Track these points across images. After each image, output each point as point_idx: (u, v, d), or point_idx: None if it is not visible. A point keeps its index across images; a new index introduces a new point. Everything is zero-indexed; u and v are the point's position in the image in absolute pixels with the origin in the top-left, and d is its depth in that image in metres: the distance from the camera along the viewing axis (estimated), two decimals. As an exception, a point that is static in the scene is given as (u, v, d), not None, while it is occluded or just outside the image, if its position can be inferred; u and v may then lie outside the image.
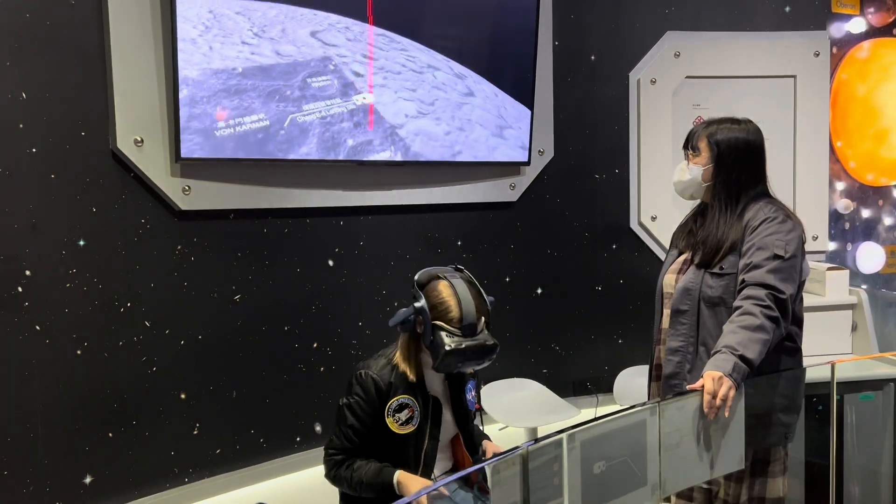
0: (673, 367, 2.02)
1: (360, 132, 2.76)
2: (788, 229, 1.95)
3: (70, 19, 2.28)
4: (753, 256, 1.91)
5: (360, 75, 2.74)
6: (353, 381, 1.97)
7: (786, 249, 1.90)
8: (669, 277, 2.11)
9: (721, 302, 1.97)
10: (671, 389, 2.01)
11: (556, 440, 1.47)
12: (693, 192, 2.10)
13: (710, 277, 1.98)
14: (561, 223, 3.40)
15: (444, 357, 1.85)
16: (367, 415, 1.93)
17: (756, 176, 2.05)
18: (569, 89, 3.36)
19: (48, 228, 2.27)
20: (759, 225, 1.95)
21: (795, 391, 2.06)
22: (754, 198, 2.03)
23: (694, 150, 2.07)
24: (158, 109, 2.42)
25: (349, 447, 1.94)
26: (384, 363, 1.98)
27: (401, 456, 1.95)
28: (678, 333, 2.02)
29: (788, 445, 2.04)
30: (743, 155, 2.02)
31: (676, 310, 2.02)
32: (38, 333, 2.25)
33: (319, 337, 2.85)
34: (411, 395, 1.95)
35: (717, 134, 2.03)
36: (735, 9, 3.51)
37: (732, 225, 1.99)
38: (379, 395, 1.93)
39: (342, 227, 2.89)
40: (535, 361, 3.38)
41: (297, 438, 2.81)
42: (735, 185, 2.02)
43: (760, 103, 3.52)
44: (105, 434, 2.39)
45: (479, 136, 3.06)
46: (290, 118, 2.59)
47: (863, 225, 4.06)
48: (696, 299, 1.99)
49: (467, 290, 1.92)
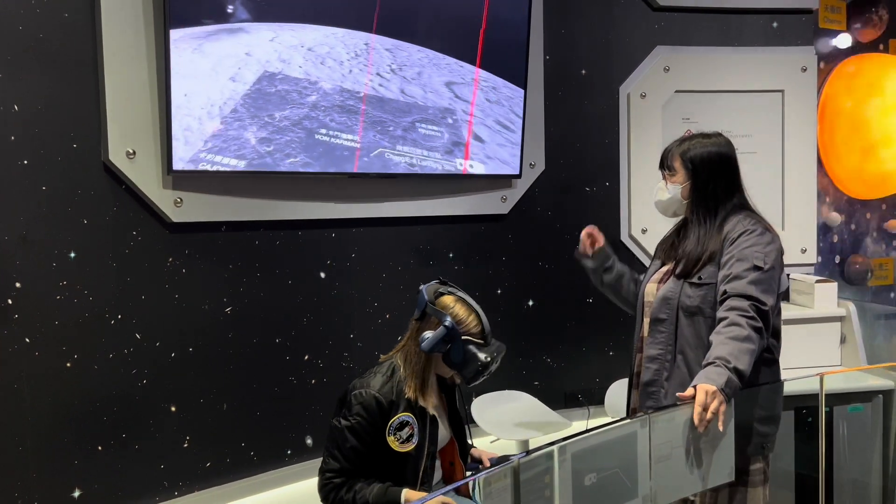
0: (651, 375, 2.05)
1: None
2: (767, 241, 1.99)
3: (63, 32, 2.29)
4: (733, 268, 1.94)
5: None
6: (352, 400, 1.93)
7: (765, 261, 1.93)
8: (651, 287, 2.15)
9: (699, 311, 2.00)
10: (649, 397, 2.03)
11: (547, 452, 1.48)
12: (676, 210, 2.15)
13: (688, 287, 2.02)
14: (552, 236, 3.41)
15: (481, 371, 1.92)
16: (368, 435, 1.91)
17: (732, 187, 2.09)
18: (560, 103, 3.39)
19: (39, 240, 2.26)
20: (739, 237, 1.99)
21: (774, 402, 2.08)
22: (732, 210, 2.07)
23: (670, 170, 2.11)
24: (150, 121, 2.42)
25: (349, 468, 1.91)
26: (383, 381, 1.96)
27: (400, 474, 1.94)
28: (656, 342, 2.05)
29: (769, 456, 2.06)
30: (717, 168, 2.07)
31: (655, 318, 2.06)
32: (28, 346, 2.25)
33: (311, 349, 2.85)
34: (411, 412, 1.94)
35: (689, 151, 2.08)
36: (723, 24, 3.55)
37: (712, 237, 2.03)
38: (381, 413, 1.91)
39: (334, 239, 2.89)
40: (527, 373, 3.39)
41: (287, 451, 2.80)
42: (712, 198, 2.06)
43: (749, 117, 3.56)
44: (94, 447, 2.38)
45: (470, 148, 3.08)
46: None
47: (851, 238, 4.10)
48: (674, 308, 2.02)
49: (471, 300, 2.00)
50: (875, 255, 4.17)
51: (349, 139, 2.76)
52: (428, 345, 1.92)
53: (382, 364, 2.04)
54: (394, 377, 1.97)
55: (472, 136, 3.07)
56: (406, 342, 2.04)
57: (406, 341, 2.05)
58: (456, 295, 1.99)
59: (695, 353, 1.98)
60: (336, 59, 2.68)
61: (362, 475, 1.92)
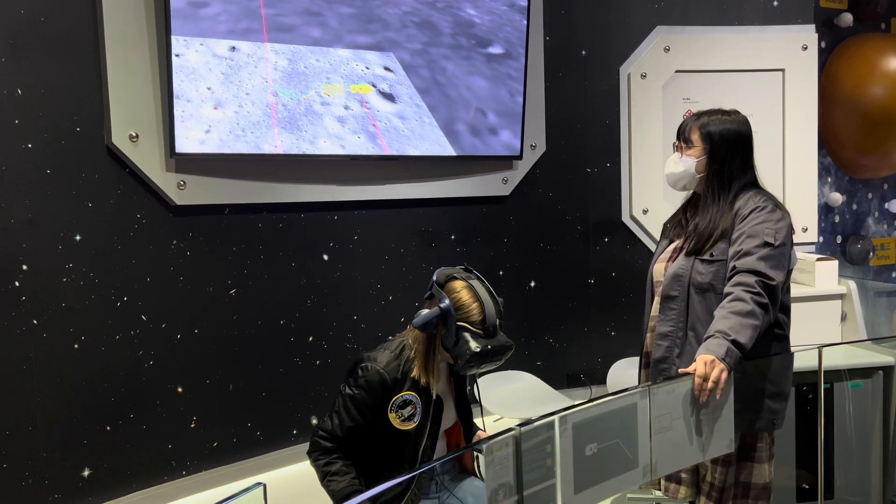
0: (662, 352, 2.05)
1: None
2: (778, 218, 1.99)
3: (65, 16, 2.30)
4: (744, 244, 1.95)
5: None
6: (358, 371, 1.94)
7: (775, 237, 1.94)
8: (659, 266, 2.15)
9: (710, 288, 2.01)
10: (660, 374, 2.04)
11: (549, 422, 1.49)
12: (686, 184, 2.14)
13: (700, 264, 2.02)
14: (553, 217, 3.43)
15: (470, 359, 1.87)
16: (368, 408, 1.92)
17: (746, 165, 2.09)
18: (560, 84, 3.39)
19: (44, 223, 2.28)
20: (749, 214, 1.99)
21: (784, 378, 2.09)
22: (744, 187, 2.07)
23: (686, 143, 2.11)
24: (153, 105, 2.44)
25: (339, 436, 1.94)
26: (390, 357, 1.97)
27: (399, 452, 1.96)
28: (668, 319, 2.06)
29: (775, 432, 2.08)
30: (735, 145, 2.07)
31: (667, 295, 2.06)
32: (36, 328, 2.27)
33: (315, 330, 2.87)
34: (415, 392, 1.96)
35: (709, 125, 2.08)
36: (723, 3, 3.55)
37: (724, 213, 2.04)
38: (384, 390, 1.92)
39: (336, 221, 2.91)
40: (530, 354, 3.41)
41: (293, 431, 2.84)
42: (728, 175, 2.06)
43: (749, 96, 3.55)
44: (103, 427, 2.41)
45: (471, 129, 3.08)
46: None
47: (852, 217, 4.11)
48: (685, 285, 2.03)
49: (485, 291, 1.93)
50: (877, 234, 4.18)
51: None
52: (418, 322, 1.91)
53: (394, 340, 2.05)
54: (402, 355, 1.99)
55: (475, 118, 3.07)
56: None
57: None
58: (468, 283, 1.95)
59: (705, 330, 1.99)
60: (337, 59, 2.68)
61: (352, 447, 1.94)
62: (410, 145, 2.94)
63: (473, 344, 1.87)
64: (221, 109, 2.50)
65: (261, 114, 2.58)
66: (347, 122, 2.78)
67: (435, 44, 2.96)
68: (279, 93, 2.61)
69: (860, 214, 4.15)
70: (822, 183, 3.91)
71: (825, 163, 3.94)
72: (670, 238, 2.19)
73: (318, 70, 2.69)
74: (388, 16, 2.82)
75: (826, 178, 3.98)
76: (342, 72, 2.75)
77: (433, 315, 1.90)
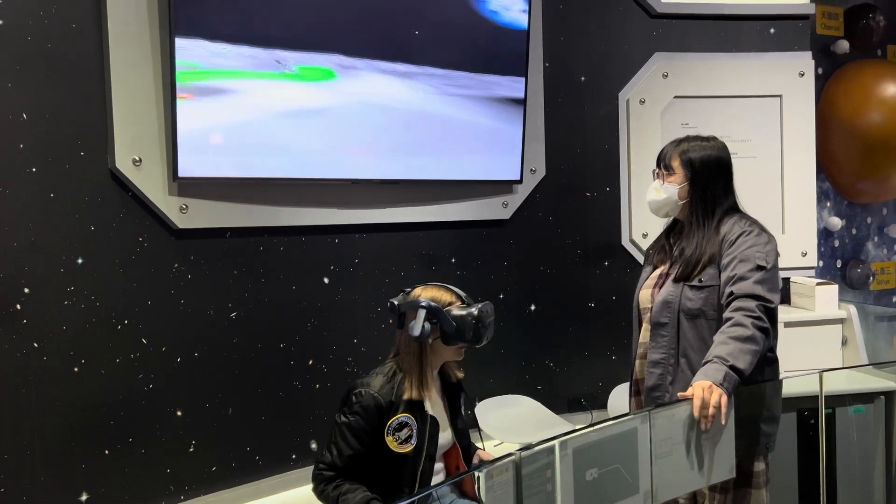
0: (655, 380, 2.05)
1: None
2: (765, 241, 2.02)
3: (71, 41, 2.33)
4: (737, 269, 1.96)
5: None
6: (352, 398, 1.96)
7: (766, 260, 1.96)
8: (645, 293, 2.16)
9: (701, 314, 2.02)
10: (654, 402, 2.04)
11: (549, 447, 1.50)
12: (669, 211, 2.16)
13: (689, 290, 2.03)
14: (553, 240, 3.44)
15: (478, 325, 1.94)
16: (365, 433, 1.93)
17: (727, 190, 2.12)
18: (560, 109, 3.42)
19: (47, 246, 2.30)
20: (737, 239, 2.01)
21: (775, 401, 2.10)
22: (727, 212, 2.10)
23: (667, 170, 2.13)
24: (157, 129, 2.46)
25: (340, 466, 1.94)
26: (383, 381, 1.98)
27: (397, 475, 1.96)
28: (659, 346, 2.06)
29: (769, 456, 2.07)
30: (716, 171, 2.10)
31: (657, 322, 2.07)
32: (36, 350, 2.27)
33: (315, 354, 2.87)
34: (411, 413, 1.96)
35: (689, 152, 2.11)
36: (721, 31, 3.59)
37: (709, 239, 2.05)
38: (379, 413, 1.93)
39: (337, 244, 2.92)
40: (530, 378, 3.40)
41: (292, 456, 2.82)
42: (710, 200, 2.09)
43: (747, 122, 3.59)
44: (101, 451, 2.40)
45: (472, 154, 3.11)
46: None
47: (852, 242, 4.12)
48: (675, 311, 2.04)
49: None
50: (876, 259, 4.19)
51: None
52: (417, 329, 1.94)
53: (385, 366, 2.07)
54: (394, 378, 2.00)
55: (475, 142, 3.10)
56: (398, 349, 2.09)
57: (397, 349, 2.09)
58: (419, 287, 2.04)
59: (698, 356, 1.99)
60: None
61: (355, 475, 1.94)
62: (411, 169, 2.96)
63: (472, 310, 1.96)
64: (224, 133, 2.52)
65: (263, 137, 2.60)
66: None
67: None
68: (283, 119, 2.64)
69: (859, 239, 4.16)
70: (821, 207, 3.93)
71: (824, 187, 3.96)
72: (654, 264, 2.20)
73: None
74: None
75: (825, 203, 4.00)
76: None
77: (423, 315, 1.93)
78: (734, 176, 2.16)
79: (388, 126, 2.88)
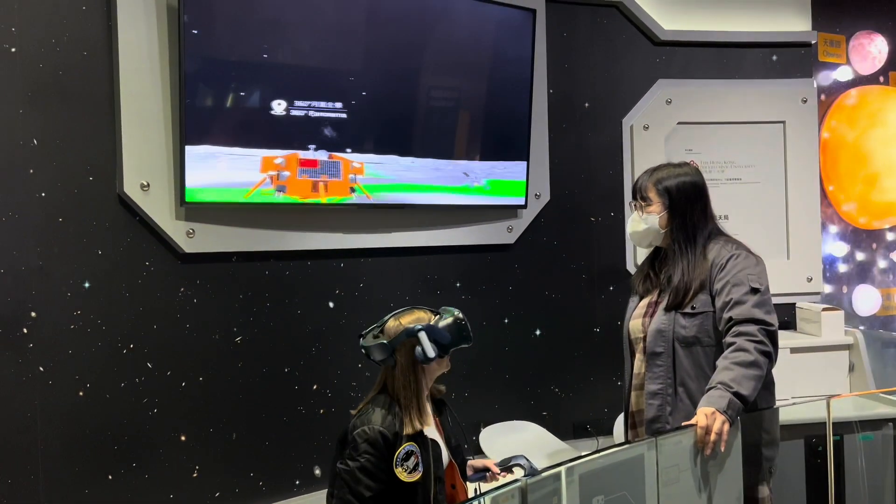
0: (655, 412, 2.02)
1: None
2: (755, 263, 2.02)
3: (82, 69, 2.37)
4: (732, 293, 1.95)
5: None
6: (356, 440, 1.92)
7: (759, 282, 1.96)
8: (636, 322, 2.15)
9: (696, 341, 2.00)
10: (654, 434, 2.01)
11: (555, 473, 1.49)
12: (652, 240, 2.16)
13: (682, 318, 2.01)
14: (558, 265, 3.44)
15: (465, 324, 2.00)
16: (380, 471, 1.90)
17: (706, 214, 2.12)
18: (564, 135, 3.45)
19: (55, 270, 2.31)
20: (727, 263, 2.01)
21: (773, 424, 2.08)
22: (710, 236, 2.10)
23: (644, 200, 2.13)
24: (164, 154, 2.49)
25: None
26: (384, 414, 1.96)
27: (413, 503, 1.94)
28: (656, 376, 2.03)
29: (772, 482, 2.05)
30: (692, 196, 2.10)
31: (652, 352, 2.04)
32: (42, 374, 2.28)
33: (319, 379, 2.87)
34: (414, 441, 1.95)
35: (664, 181, 2.11)
36: (724, 58, 3.63)
37: (697, 265, 2.04)
38: (388, 447, 1.91)
39: (342, 269, 2.93)
40: (535, 404, 3.39)
41: (296, 482, 2.80)
42: (691, 226, 2.08)
43: (751, 148, 3.61)
44: (105, 476, 2.39)
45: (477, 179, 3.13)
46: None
47: (857, 268, 4.11)
48: (669, 340, 2.02)
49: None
50: (882, 285, 4.18)
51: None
52: (430, 351, 1.94)
53: (377, 399, 2.04)
54: (392, 409, 1.98)
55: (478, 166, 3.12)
56: (382, 384, 2.04)
57: (380, 385, 2.04)
58: (392, 317, 2.06)
59: (696, 384, 1.98)
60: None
61: None
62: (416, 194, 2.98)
63: (456, 315, 2.01)
64: (231, 159, 2.54)
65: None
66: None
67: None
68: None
69: (865, 265, 4.15)
70: (825, 233, 3.93)
71: (829, 213, 3.96)
72: (640, 294, 2.19)
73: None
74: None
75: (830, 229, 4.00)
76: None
77: (426, 337, 1.93)
78: (721, 198, 2.15)
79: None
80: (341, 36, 2.73)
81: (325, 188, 2.74)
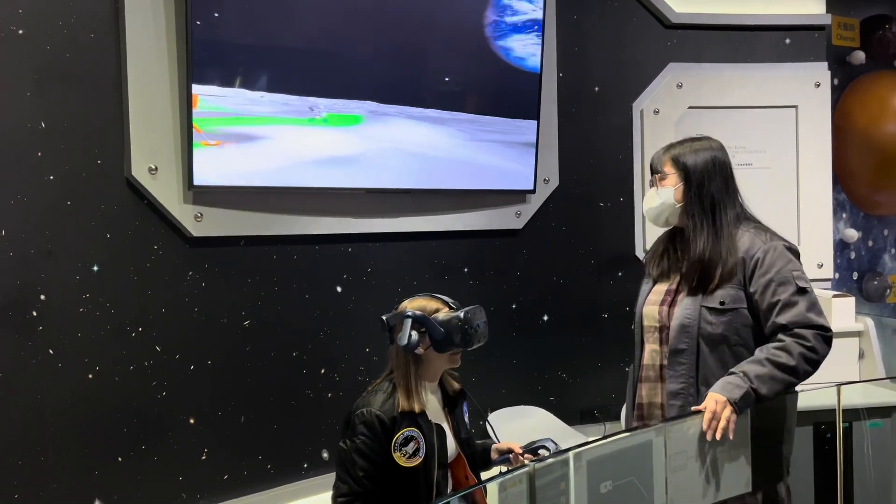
0: (676, 412, 1.93)
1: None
2: (793, 258, 1.93)
3: (89, 51, 2.35)
4: (778, 293, 1.85)
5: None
6: (355, 421, 1.94)
7: (805, 280, 1.89)
8: (650, 309, 2.05)
9: (723, 340, 1.90)
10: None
11: (563, 459, 1.48)
12: (668, 217, 2.04)
13: (709, 313, 1.91)
14: (566, 251, 3.43)
15: (467, 326, 1.90)
16: (376, 454, 1.91)
17: (728, 190, 2.00)
18: (573, 119, 3.42)
19: (63, 254, 2.31)
20: (765, 257, 1.89)
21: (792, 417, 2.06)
22: (737, 220, 1.98)
23: (660, 175, 2.04)
24: (172, 138, 2.48)
25: (360, 491, 1.91)
26: (384, 398, 1.97)
27: (413, 490, 1.94)
28: (677, 375, 1.95)
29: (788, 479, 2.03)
30: (710, 168, 1.98)
31: (675, 349, 1.95)
32: (51, 357, 2.29)
33: (327, 363, 2.87)
34: (415, 426, 1.95)
35: (679, 153, 2.02)
36: (735, 41, 3.58)
37: (720, 246, 1.92)
38: (384, 431, 1.92)
39: (350, 253, 2.93)
40: (542, 389, 3.39)
41: (304, 465, 2.82)
42: (708, 198, 1.97)
43: (762, 133, 3.57)
44: (114, 458, 2.41)
45: (485, 164, 3.11)
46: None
47: (868, 254, 4.08)
48: (694, 337, 1.92)
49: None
50: (893, 271, 4.15)
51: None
52: (404, 339, 1.91)
53: (383, 382, 2.06)
54: (394, 394, 1.99)
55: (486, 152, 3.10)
56: (391, 366, 2.07)
57: (391, 366, 2.08)
58: (406, 299, 2.03)
59: None
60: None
61: (374, 497, 1.92)
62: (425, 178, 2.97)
63: (460, 314, 1.91)
64: (239, 142, 2.54)
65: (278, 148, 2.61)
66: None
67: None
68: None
69: (876, 251, 4.12)
70: (836, 219, 3.90)
71: (840, 199, 3.93)
72: (655, 278, 2.10)
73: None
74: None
75: (841, 215, 3.96)
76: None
77: (409, 325, 1.92)
78: (738, 182, 2.03)
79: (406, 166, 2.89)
80: (349, 18, 2.71)
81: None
